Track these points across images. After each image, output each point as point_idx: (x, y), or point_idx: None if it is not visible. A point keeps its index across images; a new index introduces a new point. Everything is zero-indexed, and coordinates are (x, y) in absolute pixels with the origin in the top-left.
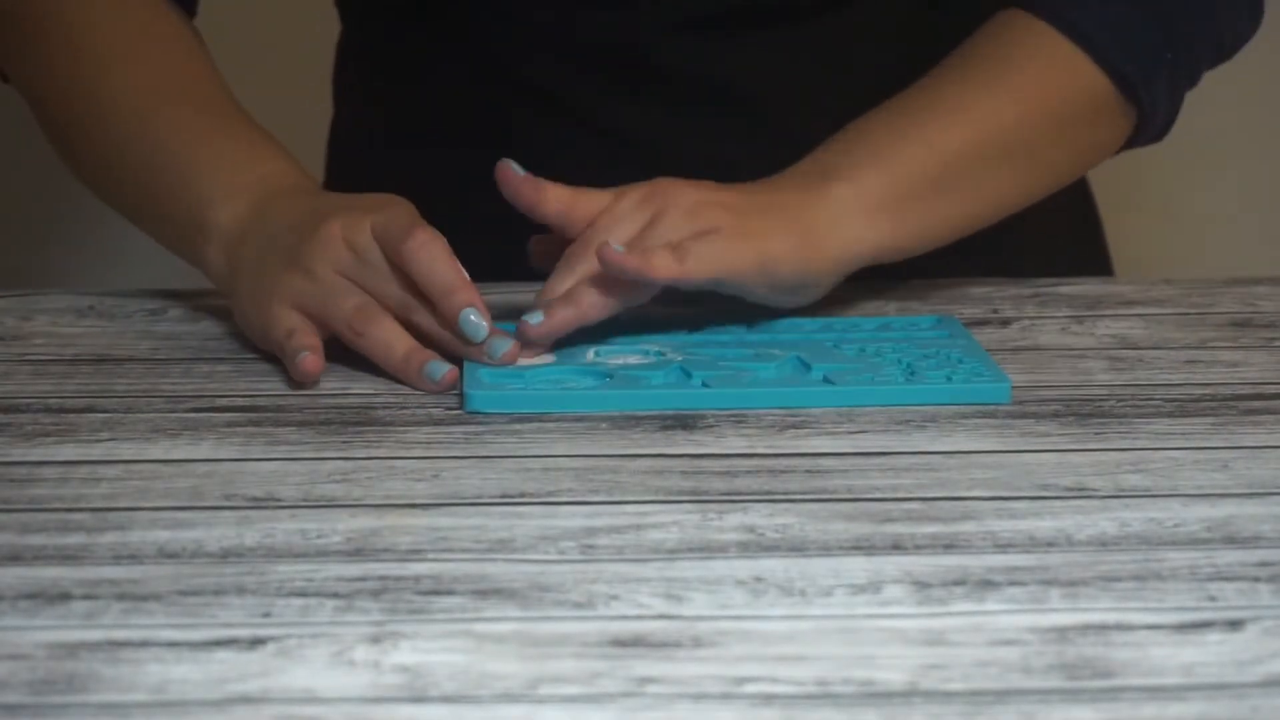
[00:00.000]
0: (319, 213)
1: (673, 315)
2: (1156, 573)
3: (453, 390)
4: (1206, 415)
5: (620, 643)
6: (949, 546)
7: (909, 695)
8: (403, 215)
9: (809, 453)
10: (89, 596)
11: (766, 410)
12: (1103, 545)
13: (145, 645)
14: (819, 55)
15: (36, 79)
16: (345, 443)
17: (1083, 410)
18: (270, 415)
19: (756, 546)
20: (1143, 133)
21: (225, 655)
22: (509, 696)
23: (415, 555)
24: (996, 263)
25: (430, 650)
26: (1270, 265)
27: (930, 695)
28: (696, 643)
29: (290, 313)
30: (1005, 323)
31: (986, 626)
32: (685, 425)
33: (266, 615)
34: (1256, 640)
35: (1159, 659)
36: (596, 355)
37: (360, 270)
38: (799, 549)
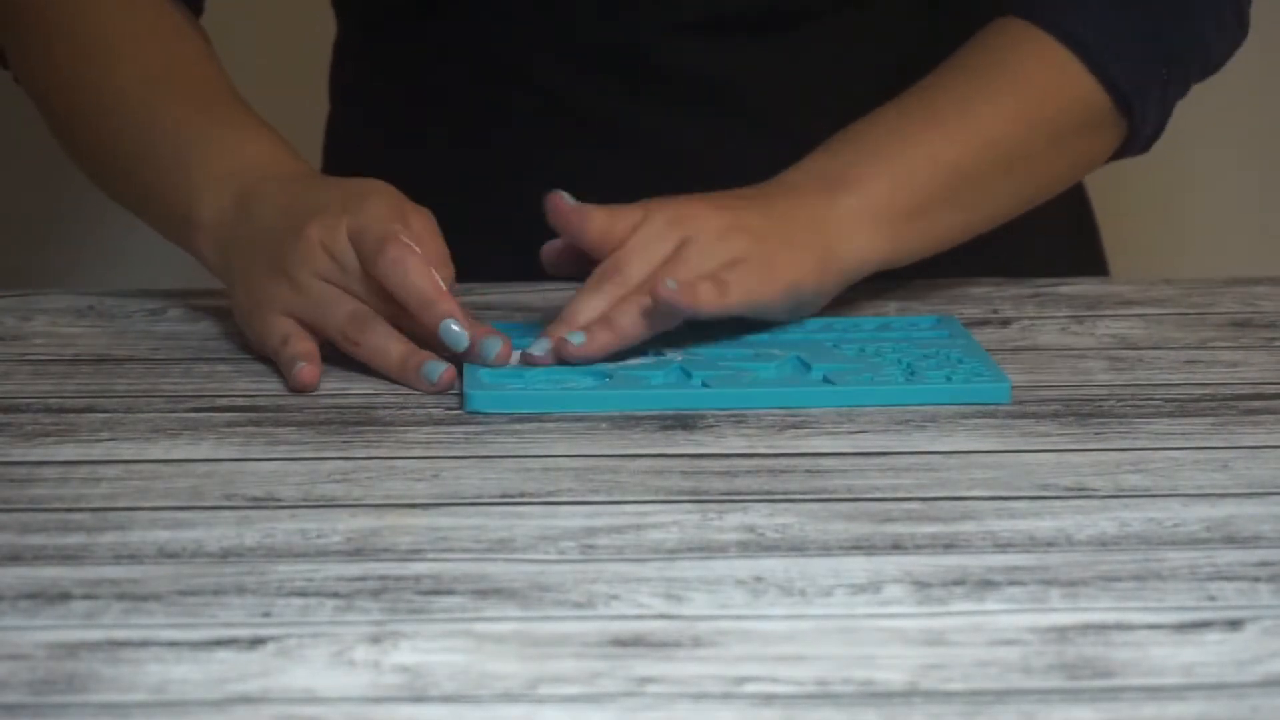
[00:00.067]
0: (296, 214)
1: None
2: (1156, 573)
3: (452, 390)
4: (1206, 415)
5: (620, 643)
6: (949, 546)
7: (909, 695)
8: (377, 217)
9: (809, 453)
10: (89, 596)
11: (766, 410)
12: (1103, 545)
13: (145, 645)
14: (819, 56)
15: (41, 72)
16: (345, 443)
17: (1083, 410)
18: (270, 415)
19: (756, 546)
20: (1130, 144)
21: (225, 655)
22: (509, 696)
23: (415, 555)
24: (996, 263)
25: (430, 650)
26: (1270, 265)
27: (930, 695)
28: (696, 643)
29: (283, 320)
30: (1005, 323)
31: (986, 626)
32: (685, 425)
33: (266, 615)
34: (1256, 640)
35: (1159, 659)
36: None
37: (344, 276)
38: (799, 549)
